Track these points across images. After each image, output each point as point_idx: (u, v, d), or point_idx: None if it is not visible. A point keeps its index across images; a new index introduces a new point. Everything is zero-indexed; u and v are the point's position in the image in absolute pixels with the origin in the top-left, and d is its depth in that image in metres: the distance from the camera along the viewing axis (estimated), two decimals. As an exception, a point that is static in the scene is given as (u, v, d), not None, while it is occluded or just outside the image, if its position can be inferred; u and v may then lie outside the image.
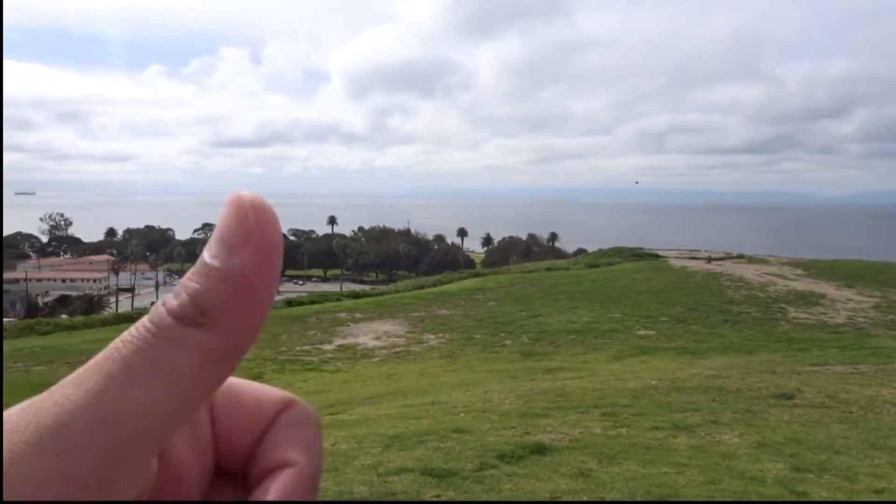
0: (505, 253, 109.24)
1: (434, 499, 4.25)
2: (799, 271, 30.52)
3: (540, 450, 5.36)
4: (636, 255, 37.69)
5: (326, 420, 8.28)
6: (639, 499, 4.32)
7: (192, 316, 0.33)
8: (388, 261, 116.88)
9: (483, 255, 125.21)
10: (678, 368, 12.41)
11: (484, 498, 4.29)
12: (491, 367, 15.24)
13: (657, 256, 37.01)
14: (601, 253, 41.28)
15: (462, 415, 7.37)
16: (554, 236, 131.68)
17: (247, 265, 0.33)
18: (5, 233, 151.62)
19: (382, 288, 34.57)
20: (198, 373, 0.33)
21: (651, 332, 19.63)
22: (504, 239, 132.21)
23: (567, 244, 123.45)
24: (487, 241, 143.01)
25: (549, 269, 35.36)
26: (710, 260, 34.96)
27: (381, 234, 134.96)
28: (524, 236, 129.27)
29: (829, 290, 25.81)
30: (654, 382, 9.15)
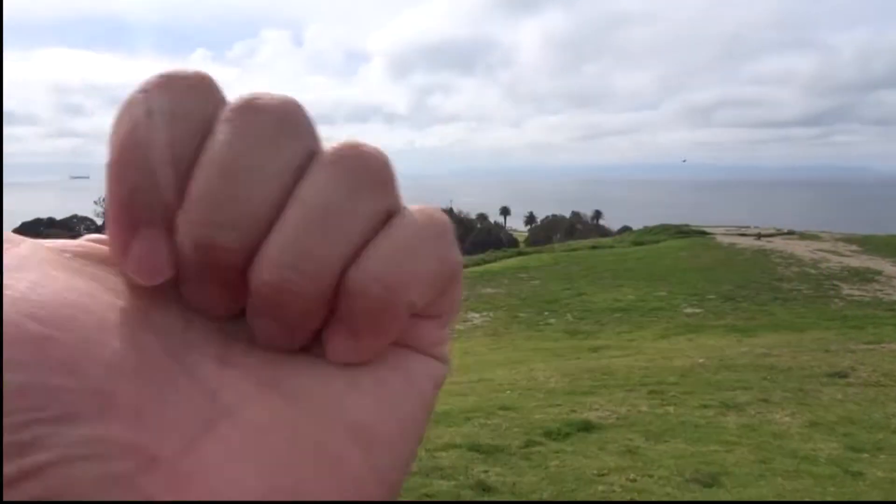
0: (548, 231, 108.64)
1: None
2: (853, 247, 29.58)
3: (586, 427, 5.38)
4: (682, 232, 37.01)
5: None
6: (687, 476, 4.32)
7: None
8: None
9: (526, 234, 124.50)
10: (726, 346, 12.24)
11: (531, 474, 4.35)
12: (535, 346, 15.26)
13: (704, 233, 36.26)
14: (646, 230, 40.66)
15: (508, 392, 7.42)
16: (598, 214, 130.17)
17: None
18: (63, 214, 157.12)
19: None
20: None
21: (698, 311, 19.34)
22: (547, 217, 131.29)
23: (611, 222, 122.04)
24: (530, 219, 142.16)
25: (593, 248, 34.99)
26: (759, 236, 34.13)
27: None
28: (568, 214, 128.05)
29: (886, 266, 24.97)
30: (701, 361, 9.05)
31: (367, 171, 0.26)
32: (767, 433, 5.30)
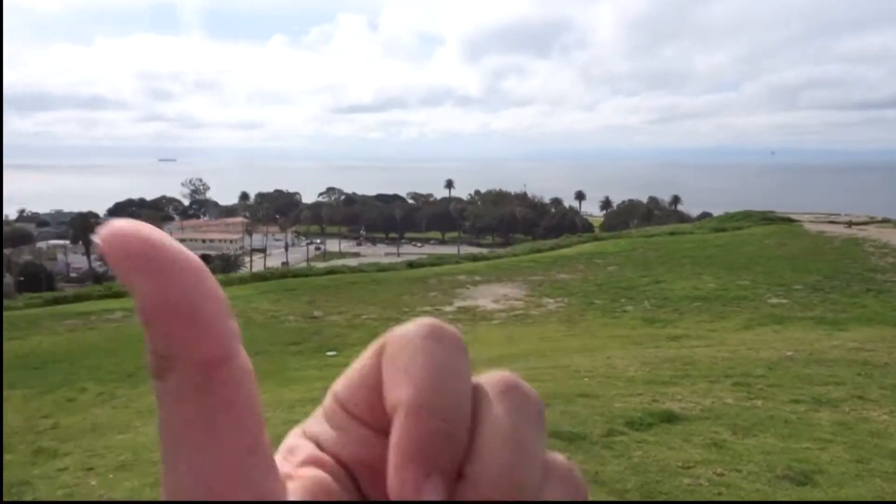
0: (624, 216, 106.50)
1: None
2: (956, 237, 27.72)
3: (669, 418, 5.28)
4: (767, 219, 35.48)
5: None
6: (778, 473, 4.18)
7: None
8: (505, 224, 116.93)
9: (601, 219, 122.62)
10: (816, 339, 11.72)
11: (614, 463, 4.30)
12: (612, 333, 15.04)
13: (791, 220, 34.66)
14: (728, 217, 39.18)
15: (586, 380, 7.35)
16: (676, 199, 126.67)
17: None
18: (153, 195, 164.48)
19: (500, 251, 34.63)
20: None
21: (784, 301, 18.58)
22: (623, 202, 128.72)
23: (690, 207, 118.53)
24: (606, 204, 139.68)
25: (671, 234, 34.03)
26: (850, 224, 32.38)
27: (497, 198, 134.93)
28: (644, 199, 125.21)
29: None
30: (789, 353, 8.70)
31: (535, 405, 0.31)
32: (864, 431, 5.06)
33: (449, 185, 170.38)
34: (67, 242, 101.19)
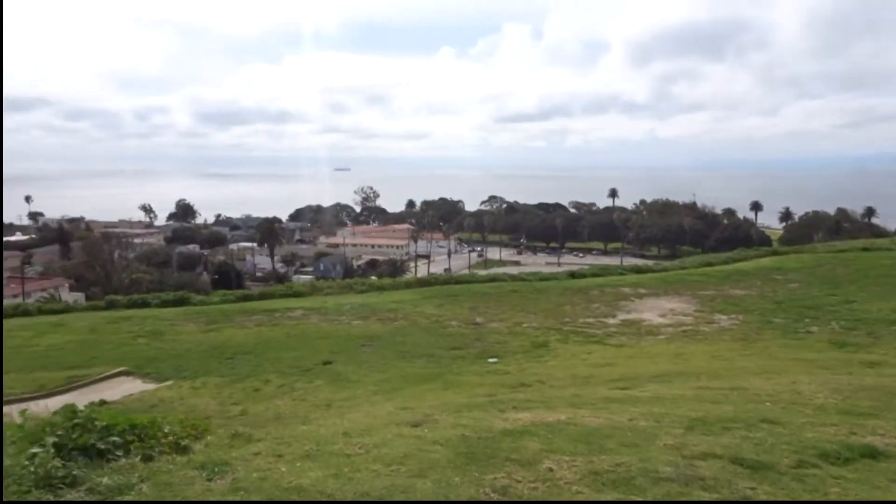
0: (808, 229, 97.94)
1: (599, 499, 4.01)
2: None
3: (872, 454, 4.74)
4: None
5: (615, 394, 8.25)
6: None
7: None
8: (672, 235, 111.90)
9: (780, 232, 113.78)
10: None
11: (806, 498, 3.93)
12: (794, 356, 13.85)
13: None
14: (936, 231, 34.86)
15: (768, 404, 6.82)
16: (870, 211, 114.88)
17: None
18: (328, 202, 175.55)
19: (667, 263, 33.20)
20: None
21: None
22: (807, 214, 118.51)
23: (887, 220, 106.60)
24: (786, 215, 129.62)
25: (864, 249, 30.91)
26: None
27: (664, 208, 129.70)
28: (832, 211, 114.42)
29: None
30: None
31: None
32: None
33: (612, 193, 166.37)
34: (254, 245, 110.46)
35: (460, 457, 4.19)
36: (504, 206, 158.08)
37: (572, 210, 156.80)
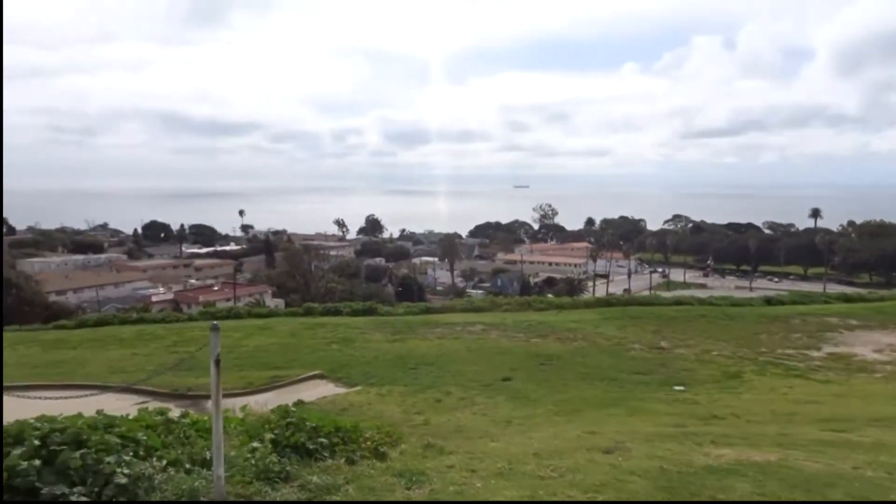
0: None
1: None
2: None
3: None
4: None
5: (828, 436, 7.45)
6: None
7: None
8: (887, 260, 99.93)
9: None
10: None
11: None
12: None
13: None
14: None
15: None
16: None
17: None
18: (507, 219, 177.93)
19: (882, 292, 29.71)
20: None
21: None
22: None
23: None
24: None
25: None
26: None
27: (877, 230, 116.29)
28: None
29: None
30: None
31: None
32: None
33: (815, 214, 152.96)
34: (436, 259, 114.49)
35: (661, 490, 3.98)
36: (689, 225, 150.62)
37: (767, 231, 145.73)
